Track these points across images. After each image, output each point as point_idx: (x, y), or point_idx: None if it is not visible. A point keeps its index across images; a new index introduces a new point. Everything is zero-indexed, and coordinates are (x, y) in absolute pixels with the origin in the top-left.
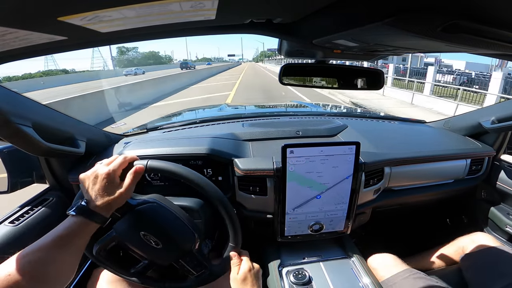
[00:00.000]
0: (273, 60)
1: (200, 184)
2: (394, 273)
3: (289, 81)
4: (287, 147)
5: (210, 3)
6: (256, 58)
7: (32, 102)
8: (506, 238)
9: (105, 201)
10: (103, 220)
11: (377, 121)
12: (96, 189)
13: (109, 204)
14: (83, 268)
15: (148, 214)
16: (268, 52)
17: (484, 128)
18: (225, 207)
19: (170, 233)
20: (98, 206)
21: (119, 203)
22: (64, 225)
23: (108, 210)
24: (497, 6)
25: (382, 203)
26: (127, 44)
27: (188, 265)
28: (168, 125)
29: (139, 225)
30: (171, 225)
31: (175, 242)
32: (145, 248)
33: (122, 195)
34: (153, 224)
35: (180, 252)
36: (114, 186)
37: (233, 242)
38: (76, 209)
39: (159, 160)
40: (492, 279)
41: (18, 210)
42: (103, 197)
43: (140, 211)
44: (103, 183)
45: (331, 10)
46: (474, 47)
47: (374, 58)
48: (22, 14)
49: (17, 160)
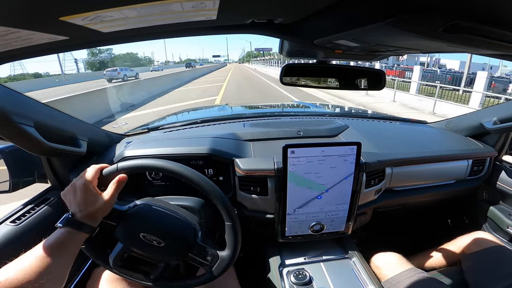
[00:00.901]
0: (260, 60)
1: (178, 172)
2: (398, 272)
3: (290, 81)
4: (288, 147)
5: (211, 3)
6: (242, 58)
7: (34, 101)
8: (507, 238)
9: (89, 211)
10: (91, 229)
11: (378, 122)
12: (78, 201)
13: (93, 213)
14: (83, 268)
15: (140, 214)
16: (255, 52)
17: (486, 128)
18: (206, 185)
19: (167, 229)
20: (83, 217)
21: (103, 211)
22: (53, 236)
23: (94, 219)
24: (498, 6)
25: (383, 203)
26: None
27: (198, 257)
28: (169, 125)
29: (135, 227)
30: (166, 221)
31: (175, 236)
32: (151, 249)
33: (105, 204)
34: (148, 223)
35: (185, 245)
36: (93, 195)
37: (228, 220)
38: (63, 221)
39: (130, 160)
40: (493, 280)
41: (19, 209)
42: (86, 207)
43: (132, 214)
44: (82, 195)
45: (332, 10)
46: (475, 47)
47: (375, 58)
48: (24, 14)
49: (19, 159)
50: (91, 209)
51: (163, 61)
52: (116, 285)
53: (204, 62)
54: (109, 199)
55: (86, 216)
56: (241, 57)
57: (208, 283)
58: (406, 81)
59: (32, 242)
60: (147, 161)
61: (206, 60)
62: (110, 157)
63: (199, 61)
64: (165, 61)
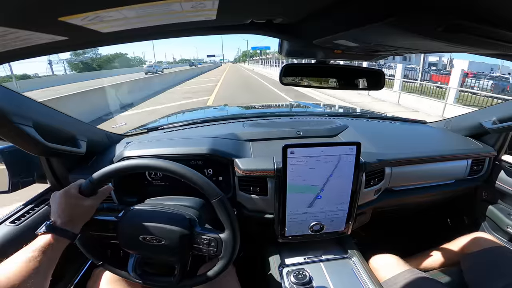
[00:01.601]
0: (257, 60)
1: (149, 165)
2: (395, 273)
3: (290, 81)
4: (288, 147)
5: (210, 4)
6: (238, 58)
7: (33, 102)
8: (506, 238)
9: (67, 218)
10: (71, 235)
11: (377, 121)
12: (57, 208)
13: (71, 220)
14: (83, 268)
15: (132, 219)
16: (251, 51)
17: (485, 128)
18: (178, 167)
19: (161, 225)
20: (62, 223)
21: (82, 217)
22: (34, 242)
23: (73, 225)
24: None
25: (383, 203)
26: None
27: (203, 246)
28: (169, 125)
29: (132, 232)
30: (158, 219)
31: (171, 230)
32: (155, 249)
33: (84, 209)
34: (141, 225)
35: (185, 237)
36: (72, 202)
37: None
38: (44, 227)
39: (100, 170)
40: (493, 279)
41: (19, 209)
42: (64, 213)
43: (124, 221)
44: (62, 203)
45: (331, 10)
46: (474, 47)
47: (374, 58)
48: (23, 15)
49: (18, 159)
50: (69, 215)
51: (154, 62)
52: (116, 285)
53: (201, 62)
54: (88, 206)
55: (65, 223)
56: (237, 57)
57: (207, 283)
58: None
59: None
60: (116, 165)
61: (202, 60)
62: (109, 157)
63: (194, 61)
64: (157, 61)
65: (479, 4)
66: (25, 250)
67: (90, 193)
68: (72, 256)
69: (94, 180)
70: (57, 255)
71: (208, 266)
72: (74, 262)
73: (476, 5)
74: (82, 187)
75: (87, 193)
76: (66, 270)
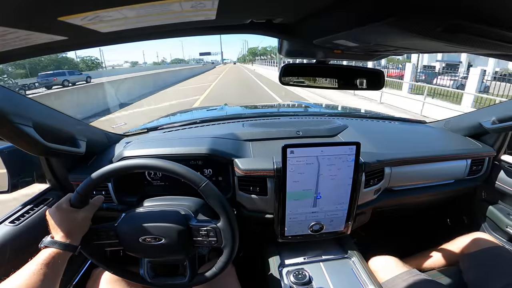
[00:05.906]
0: (267, 60)
1: (132, 166)
2: (394, 274)
3: (290, 81)
4: (288, 147)
5: (210, 3)
6: (243, 57)
7: (33, 102)
8: (506, 238)
9: (64, 232)
10: (71, 247)
11: (377, 121)
12: (53, 224)
13: (68, 233)
14: (83, 268)
15: (127, 223)
16: (259, 50)
17: (485, 128)
18: (162, 163)
19: (156, 224)
20: (62, 236)
21: (79, 229)
22: (38, 256)
23: (72, 237)
24: (498, 6)
25: (383, 203)
26: None
27: (203, 238)
28: (169, 125)
29: (131, 236)
30: (152, 218)
31: (167, 227)
32: (157, 249)
33: (79, 223)
34: (137, 227)
35: (182, 233)
36: (66, 217)
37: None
38: (45, 241)
39: (84, 181)
40: (492, 279)
41: (18, 209)
42: (61, 228)
43: (120, 226)
44: (56, 218)
45: (331, 10)
46: (474, 47)
47: (374, 58)
48: (23, 14)
49: (18, 160)
50: (66, 229)
51: (117, 63)
52: (115, 286)
53: (198, 63)
54: (81, 218)
55: (63, 236)
56: (241, 56)
57: (207, 283)
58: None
59: (31, 242)
60: (98, 172)
61: (201, 61)
62: (109, 157)
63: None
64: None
65: (479, 4)
66: (30, 264)
67: (82, 204)
68: (71, 257)
69: (81, 191)
70: (61, 267)
71: (208, 266)
72: (73, 263)
73: (476, 5)
74: (72, 200)
75: (78, 204)
76: (66, 270)
